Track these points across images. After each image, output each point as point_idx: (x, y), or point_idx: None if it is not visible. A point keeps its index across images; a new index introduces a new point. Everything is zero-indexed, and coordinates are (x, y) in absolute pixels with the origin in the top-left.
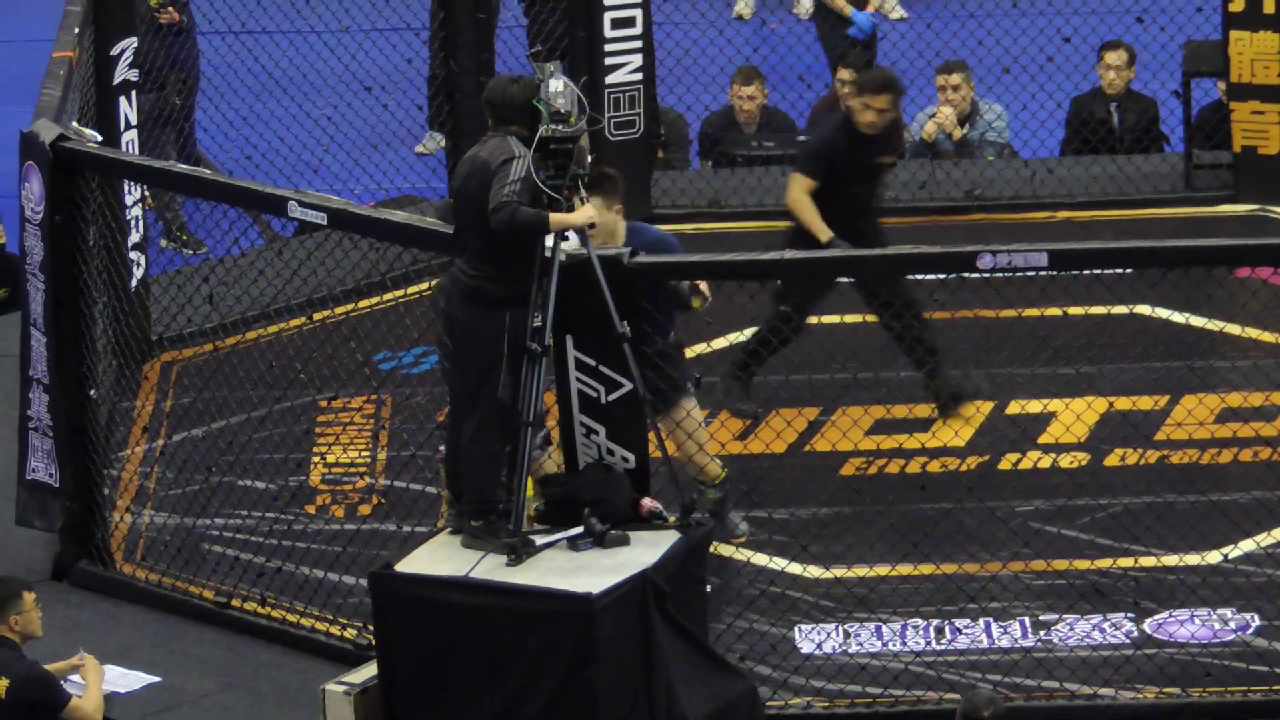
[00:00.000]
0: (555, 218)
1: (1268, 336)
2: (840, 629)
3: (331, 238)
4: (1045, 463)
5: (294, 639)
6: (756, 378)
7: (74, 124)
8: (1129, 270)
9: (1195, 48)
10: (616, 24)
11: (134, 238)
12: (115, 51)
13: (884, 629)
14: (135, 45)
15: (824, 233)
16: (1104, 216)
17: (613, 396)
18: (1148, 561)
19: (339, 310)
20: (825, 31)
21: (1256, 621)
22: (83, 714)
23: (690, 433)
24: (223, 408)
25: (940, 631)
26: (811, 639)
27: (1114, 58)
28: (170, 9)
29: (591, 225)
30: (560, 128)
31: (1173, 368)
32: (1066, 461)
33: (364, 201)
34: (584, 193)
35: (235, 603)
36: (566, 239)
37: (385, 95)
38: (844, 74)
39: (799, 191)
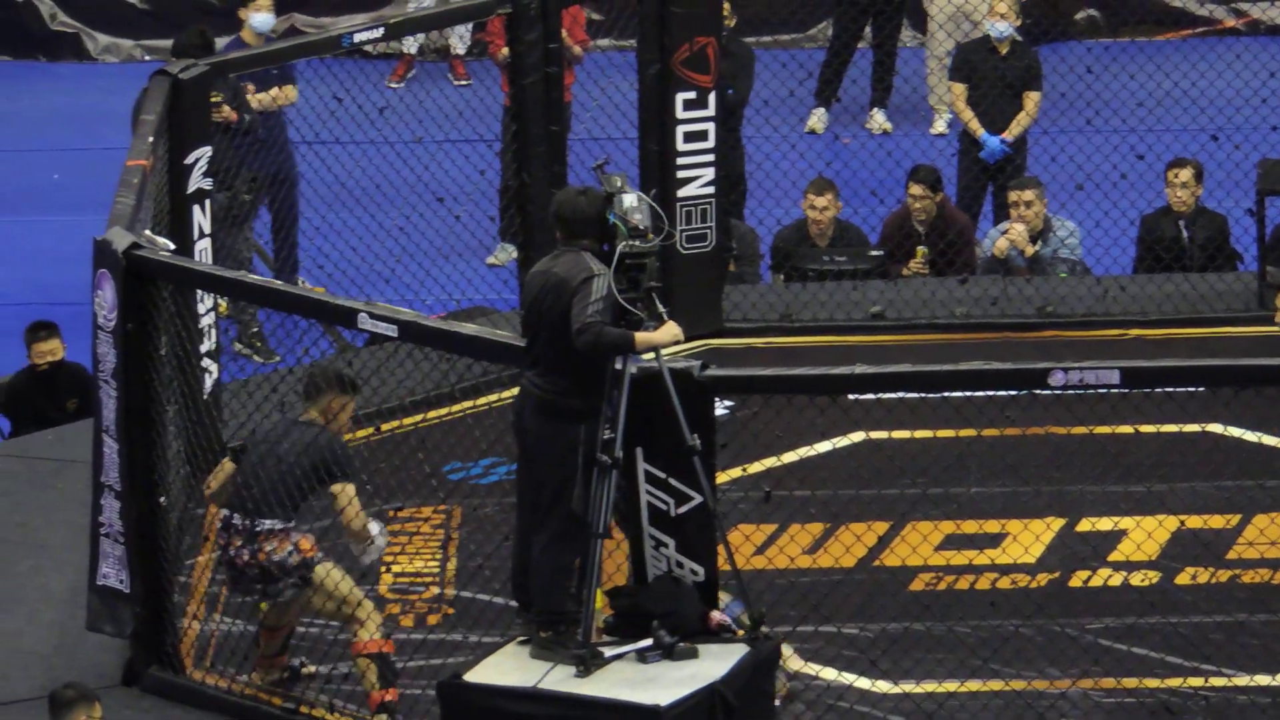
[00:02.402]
0: (641, 338)
1: None
2: None
3: (402, 349)
4: (1116, 580)
5: None
6: (822, 491)
7: (147, 232)
8: (1201, 389)
9: (1270, 166)
10: (689, 138)
11: (206, 346)
12: (189, 160)
13: None
14: (209, 154)
15: None
16: (1177, 334)
17: (682, 509)
18: (1219, 681)
19: (408, 421)
20: (965, 163)
21: None
22: None
23: None
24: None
25: None
26: None
27: (1181, 176)
28: (225, 108)
29: (677, 343)
30: (638, 243)
31: (1244, 486)
32: (1137, 579)
33: (435, 312)
34: (660, 307)
35: (304, 709)
36: None
37: (457, 206)
38: (915, 189)
39: None
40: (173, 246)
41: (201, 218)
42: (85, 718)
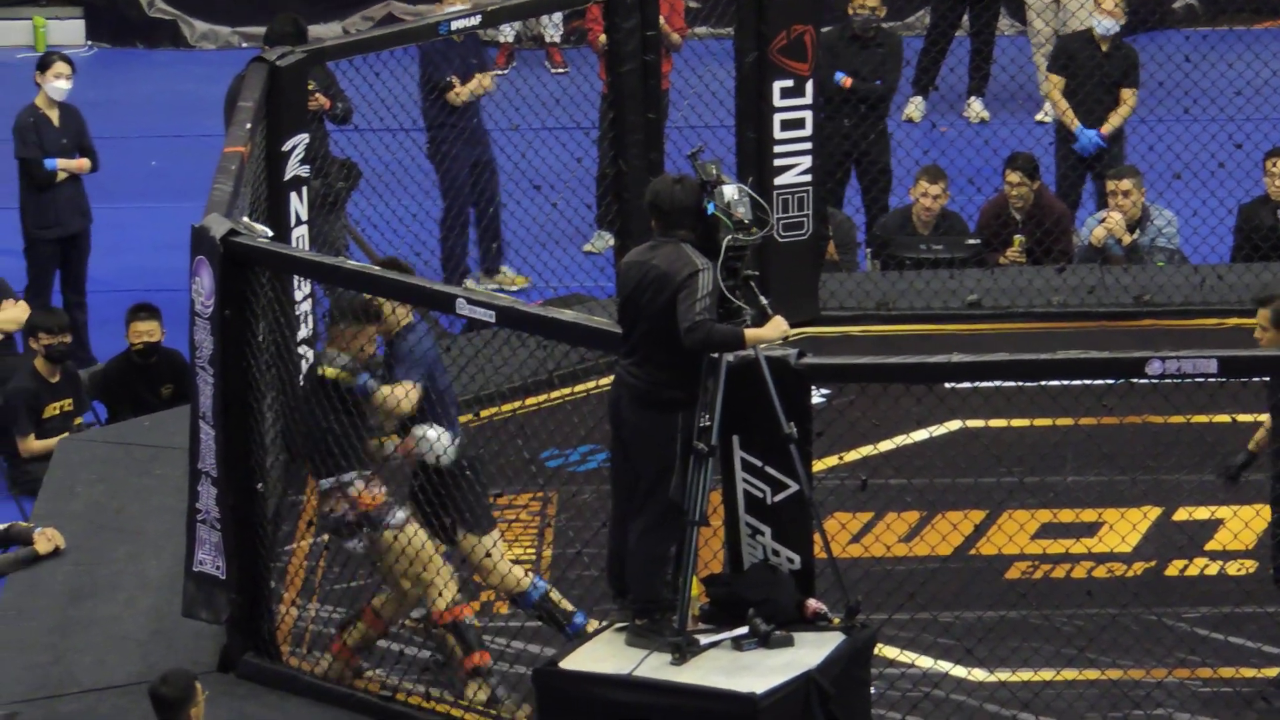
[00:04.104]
0: (750, 334)
1: None
2: None
3: (499, 335)
4: (1212, 570)
5: None
6: (918, 480)
7: (245, 219)
8: None
9: None
10: (786, 125)
11: (303, 333)
12: (286, 147)
13: None
14: (306, 141)
15: None
16: None
17: (779, 497)
18: None
19: (506, 407)
20: (1063, 153)
21: None
22: None
23: (487, 558)
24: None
25: None
26: None
27: None
28: (318, 95)
29: (786, 340)
30: (741, 236)
31: None
32: (1234, 569)
33: (532, 299)
34: (762, 298)
35: (399, 697)
36: None
37: (554, 194)
38: (1012, 177)
39: None
40: (270, 233)
41: (298, 204)
42: (194, 710)
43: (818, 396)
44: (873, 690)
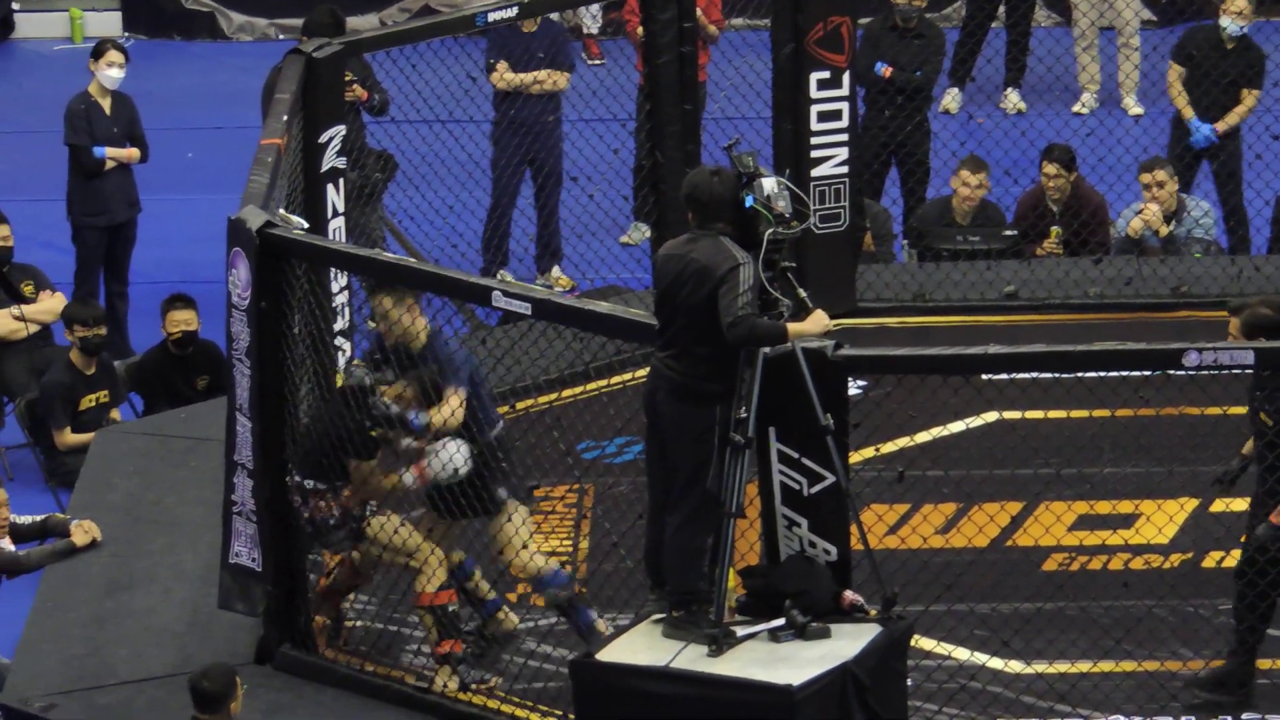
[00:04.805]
0: (793, 329)
1: None
2: None
3: (536, 327)
4: None
5: None
6: (955, 471)
7: (281, 211)
8: None
9: None
10: (822, 117)
11: (339, 325)
12: (323, 139)
13: None
14: (343, 133)
15: None
16: None
17: (815, 489)
18: None
19: (542, 399)
20: (1174, 141)
21: None
22: None
23: (516, 536)
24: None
25: None
26: None
27: None
28: (355, 86)
29: (826, 333)
30: (782, 230)
31: None
32: None
33: (569, 291)
34: (801, 290)
35: (435, 688)
36: None
37: (591, 185)
38: (1049, 168)
39: None
40: (306, 225)
41: (335, 196)
42: (233, 704)
43: (854, 388)
44: (909, 682)
